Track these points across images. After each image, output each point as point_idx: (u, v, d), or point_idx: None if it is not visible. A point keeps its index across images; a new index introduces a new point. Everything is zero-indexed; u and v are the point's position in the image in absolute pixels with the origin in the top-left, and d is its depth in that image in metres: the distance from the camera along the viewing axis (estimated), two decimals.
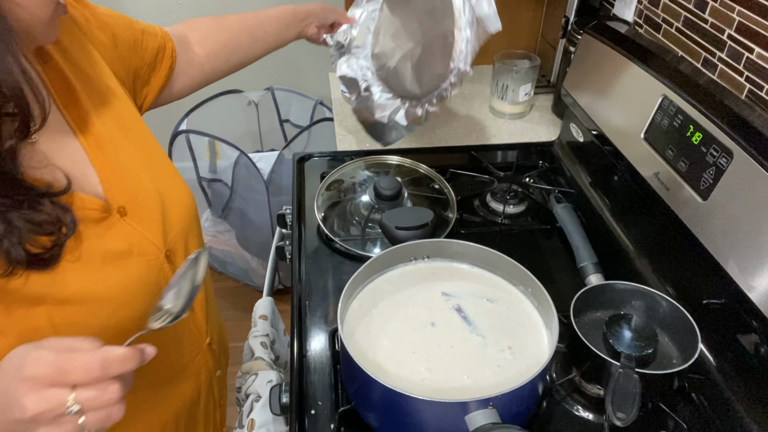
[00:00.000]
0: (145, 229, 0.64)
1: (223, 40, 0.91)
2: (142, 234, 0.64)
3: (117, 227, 0.62)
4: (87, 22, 0.69)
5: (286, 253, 1.07)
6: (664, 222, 0.83)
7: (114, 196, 0.63)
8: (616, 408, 0.61)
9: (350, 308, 0.73)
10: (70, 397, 0.44)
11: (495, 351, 0.68)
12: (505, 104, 1.29)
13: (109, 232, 0.61)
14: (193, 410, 0.78)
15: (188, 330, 0.74)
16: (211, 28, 0.90)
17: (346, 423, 0.70)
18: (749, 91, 0.84)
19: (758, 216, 0.66)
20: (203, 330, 0.77)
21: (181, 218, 0.71)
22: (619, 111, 0.94)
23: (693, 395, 0.72)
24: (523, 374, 0.65)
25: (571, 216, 0.96)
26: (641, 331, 0.69)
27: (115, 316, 0.59)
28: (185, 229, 0.71)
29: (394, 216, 0.87)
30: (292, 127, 2.06)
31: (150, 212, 0.66)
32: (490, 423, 0.56)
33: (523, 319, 0.72)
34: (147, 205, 0.66)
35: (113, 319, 0.59)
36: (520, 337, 0.70)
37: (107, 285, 0.59)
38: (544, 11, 1.45)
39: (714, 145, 0.73)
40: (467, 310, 0.73)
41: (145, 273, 0.63)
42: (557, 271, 0.92)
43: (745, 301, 0.67)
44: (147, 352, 0.49)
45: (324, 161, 1.16)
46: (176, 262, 0.69)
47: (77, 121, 0.62)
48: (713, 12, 0.89)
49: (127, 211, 0.63)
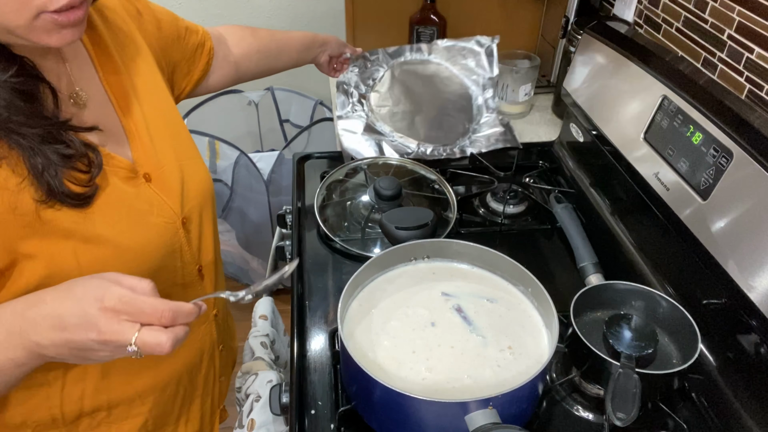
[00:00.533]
0: (166, 196, 0.71)
1: (256, 45, 1.03)
2: (163, 200, 0.70)
3: (142, 189, 0.68)
4: (139, 15, 0.78)
5: (286, 253, 1.07)
6: (664, 222, 0.83)
7: (141, 163, 0.69)
8: (616, 408, 0.61)
9: (350, 308, 0.73)
10: (134, 335, 0.51)
11: (495, 351, 0.68)
12: (505, 104, 1.29)
13: (135, 191, 0.67)
14: (193, 376, 0.82)
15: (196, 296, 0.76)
16: (246, 34, 1.02)
17: (346, 423, 0.70)
18: (749, 91, 0.84)
19: (758, 216, 0.66)
20: (210, 301, 0.82)
21: (197, 193, 0.77)
22: (619, 111, 0.94)
23: (693, 395, 0.72)
24: (523, 374, 0.65)
25: (571, 216, 0.96)
26: (641, 331, 0.69)
27: (133, 265, 0.65)
28: (201, 203, 0.77)
29: (394, 216, 0.87)
30: (292, 127, 2.06)
31: (171, 182, 0.72)
32: (490, 423, 0.56)
33: (523, 319, 0.72)
34: (169, 176, 0.72)
35: (131, 268, 0.64)
36: (520, 337, 0.70)
37: (129, 235, 0.65)
38: (544, 11, 1.45)
39: (714, 145, 0.73)
40: (467, 310, 0.73)
41: (163, 232, 0.69)
42: (557, 271, 0.92)
43: (745, 301, 0.67)
44: (203, 309, 0.57)
45: (324, 161, 1.16)
46: (191, 229, 0.75)
47: (116, 93, 0.70)
48: (713, 12, 0.89)
49: (152, 178, 0.70)
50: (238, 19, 1.87)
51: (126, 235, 0.64)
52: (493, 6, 1.43)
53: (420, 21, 1.40)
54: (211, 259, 0.80)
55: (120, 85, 0.71)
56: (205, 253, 0.79)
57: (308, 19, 1.90)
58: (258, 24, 1.87)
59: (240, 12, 1.85)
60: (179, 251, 0.73)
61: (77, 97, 0.65)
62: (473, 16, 1.44)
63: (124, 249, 0.64)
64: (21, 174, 0.56)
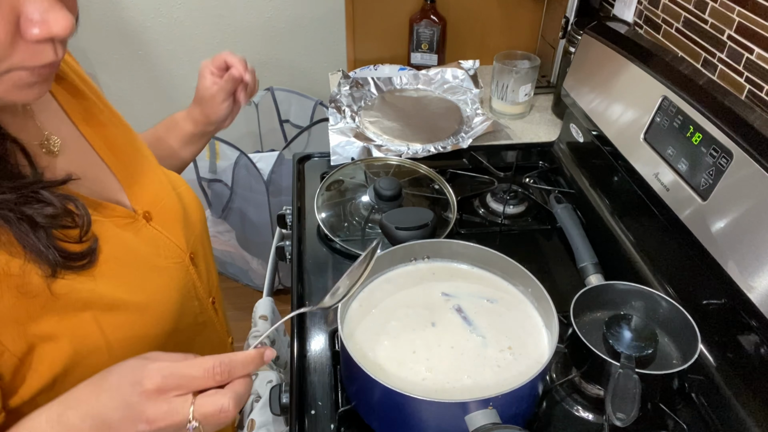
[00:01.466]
0: (170, 233, 0.66)
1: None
2: (167, 238, 0.66)
3: (144, 232, 0.64)
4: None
5: (286, 253, 1.07)
6: (664, 222, 0.83)
7: (138, 202, 0.65)
8: (616, 408, 0.61)
9: (350, 308, 0.73)
10: (190, 410, 0.45)
11: (495, 351, 0.68)
12: (505, 104, 1.29)
13: (138, 237, 0.62)
14: None
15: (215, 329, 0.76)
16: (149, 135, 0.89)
17: (346, 423, 0.70)
18: (749, 91, 0.84)
19: (758, 216, 0.66)
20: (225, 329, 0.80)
21: (197, 221, 0.74)
22: (619, 111, 0.94)
23: (693, 395, 0.72)
24: (523, 374, 0.65)
25: (571, 216, 0.96)
26: (641, 331, 0.69)
27: (157, 321, 0.61)
28: (201, 232, 0.74)
29: (394, 216, 0.87)
30: (292, 127, 2.06)
31: (173, 216, 0.68)
32: (490, 423, 0.56)
33: (523, 320, 0.72)
34: (170, 210, 0.68)
35: (156, 325, 0.60)
36: (520, 337, 0.70)
37: (143, 289, 0.60)
38: (544, 11, 1.45)
39: (714, 145, 0.73)
40: (467, 311, 0.73)
41: (175, 275, 0.65)
42: (557, 271, 0.92)
43: (745, 301, 0.67)
44: (267, 355, 0.50)
45: (324, 161, 1.16)
46: (198, 264, 0.71)
47: (93, 134, 0.64)
48: (713, 12, 0.89)
49: (152, 216, 0.65)
50: (238, 19, 1.87)
51: (140, 291, 0.60)
52: (493, 6, 1.43)
53: (420, 21, 1.41)
54: (216, 285, 0.78)
55: (96, 127, 0.65)
56: (213, 283, 0.76)
57: (308, 19, 1.90)
58: (258, 23, 1.88)
59: (240, 12, 1.86)
60: (194, 289, 0.69)
61: (48, 144, 0.58)
62: (473, 16, 1.44)
63: (143, 307, 0.59)
64: (20, 254, 0.50)
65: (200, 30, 1.87)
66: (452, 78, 1.36)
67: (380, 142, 1.18)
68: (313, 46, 1.97)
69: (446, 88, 1.35)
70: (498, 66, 1.25)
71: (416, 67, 1.45)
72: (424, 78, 1.38)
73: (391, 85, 1.36)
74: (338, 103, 1.26)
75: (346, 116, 1.24)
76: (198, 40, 1.88)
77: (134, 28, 1.83)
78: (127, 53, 1.89)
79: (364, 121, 1.23)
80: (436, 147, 1.16)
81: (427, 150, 1.15)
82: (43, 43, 0.45)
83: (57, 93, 0.63)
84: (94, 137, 0.65)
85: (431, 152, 1.15)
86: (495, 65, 1.26)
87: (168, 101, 2.01)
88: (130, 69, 1.91)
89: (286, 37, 1.93)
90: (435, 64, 1.46)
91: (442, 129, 1.22)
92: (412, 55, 1.47)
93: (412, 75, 1.38)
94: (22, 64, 0.45)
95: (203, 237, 0.75)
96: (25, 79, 0.47)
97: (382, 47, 1.49)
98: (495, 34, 1.48)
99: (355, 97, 1.29)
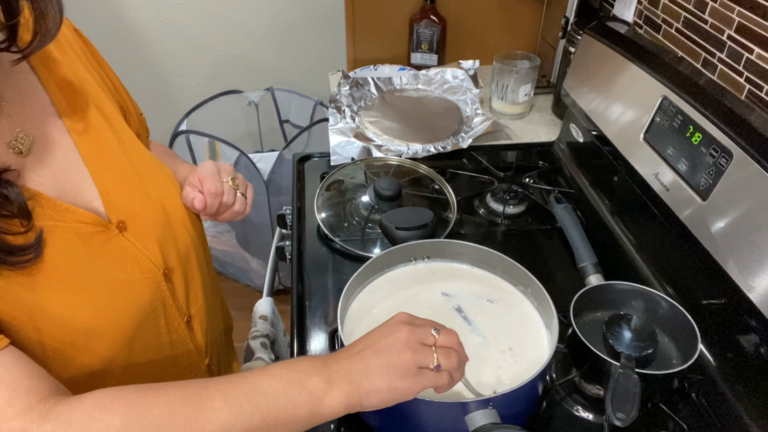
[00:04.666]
0: (144, 246, 0.63)
1: None
2: (140, 251, 0.63)
3: (113, 242, 0.61)
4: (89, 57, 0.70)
5: (286, 253, 1.07)
6: (664, 222, 0.83)
7: (114, 211, 0.62)
8: (616, 408, 0.61)
9: (350, 308, 0.73)
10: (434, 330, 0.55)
11: (495, 351, 0.68)
12: (505, 104, 1.29)
13: (103, 248, 0.59)
14: None
15: (186, 350, 0.72)
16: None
17: (346, 423, 0.70)
18: (749, 91, 0.84)
19: (758, 216, 0.66)
20: (202, 350, 0.75)
21: (185, 236, 0.70)
22: (619, 111, 0.94)
23: (693, 395, 0.72)
24: (523, 374, 0.65)
25: (571, 216, 0.96)
26: (641, 331, 0.69)
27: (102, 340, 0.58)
28: (188, 245, 0.71)
29: (394, 216, 0.87)
30: (292, 127, 2.06)
31: (150, 228, 0.65)
32: (490, 423, 0.56)
33: (523, 320, 0.72)
34: (149, 222, 0.65)
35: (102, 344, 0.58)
36: (520, 337, 0.70)
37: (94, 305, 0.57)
38: (544, 11, 1.45)
39: (714, 145, 0.73)
40: (467, 311, 0.73)
41: (140, 292, 0.62)
42: (557, 271, 0.92)
43: (744, 301, 0.67)
44: None
45: (324, 161, 1.16)
46: (175, 281, 0.68)
47: (81, 136, 0.61)
48: (713, 12, 0.89)
49: (127, 226, 0.62)
50: (238, 19, 1.87)
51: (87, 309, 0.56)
52: (493, 6, 1.43)
53: (420, 21, 1.41)
54: (201, 304, 0.74)
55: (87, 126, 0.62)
56: (194, 300, 0.72)
57: (309, 19, 1.90)
58: (258, 23, 1.88)
59: (240, 12, 1.86)
60: (162, 307, 0.65)
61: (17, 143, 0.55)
62: (473, 16, 1.44)
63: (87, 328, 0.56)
64: None
65: (200, 30, 1.87)
66: (452, 78, 1.36)
67: (380, 142, 1.18)
68: (313, 46, 1.97)
69: (446, 88, 1.35)
70: (498, 66, 1.25)
71: (416, 67, 1.45)
72: (424, 78, 1.38)
73: (391, 85, 1.36)
74: (338, 103, 1.26)
75: (346, 116, 1.24)
76: (198, 40, 1.88)
77: (134, 28, 1.83)
78: (127, 53, 1.89)
79: (364, 121, 1.23)
80: (436, 147, 1.16)
81: (427, 150, 1.15)
82: None
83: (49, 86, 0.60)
84: (82, 138, 0.61)
85: (431, 152, 1.15)
86: (495, 65, 1.26)
87: (168, 101, 2.01)
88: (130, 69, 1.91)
89: (286, 37, 1.93)
90: (435, 64, 1.46)
91: (442, 129, 1.22)
92: (412, 55, 1.47)
93: (412, 75, 1.38)
94: None
95: (190, 253, 0.71)
96: None
97: (382, 47, 1.49)
98: (495, 34, 1.48)
99: (355, 97, 1.29)
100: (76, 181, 0.60)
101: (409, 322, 0.56)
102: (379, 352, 0.53)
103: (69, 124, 0.60)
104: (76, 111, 0.62)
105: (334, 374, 0.53)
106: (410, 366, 0.53)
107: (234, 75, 1.98)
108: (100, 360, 0.59)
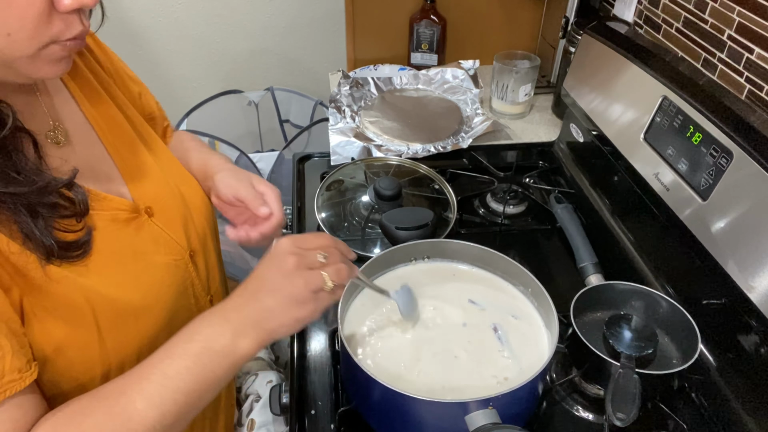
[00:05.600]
0: (171, 230, 0.67)
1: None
2: (168, 235, 0.66)
3: (145, 227, 0.64)
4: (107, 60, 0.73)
5: None
6: (664, 222, 0.83)
7: (140, 197, 0.65)
8: (616, 408, 0.61)
9: (350, 308, 0.73)
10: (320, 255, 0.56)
11: (495, 351, 0.68)
12: (505, 104, 1.29)
13: (139, 233, 0.63)
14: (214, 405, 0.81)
15: None
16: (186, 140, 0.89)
17: (346, 423, 0.70)
18: (749, 91, 0.84)
19: (758, 216, 0.66)
20: None
21: (201, 220, 0.73)
22: (619, 111, 0.94)
23: (693, 395, 0.72)
24: (523, 374, 0.65)
25: (571, 216, 0.96)
26: (641, 331, 0.69)
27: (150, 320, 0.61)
28: (205, 231, 0.74)
29: (394, 216, 0.87)
30: (292, 127, 2.06)
31: (174, 213, 0.68)
32: (490, 423, 0.55)
33: (523, 319, 0.72)
34: (172, 206, 0.68)
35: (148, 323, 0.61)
36: (520, 337, 0.70)
37: (139, 285, 0.60)
38: (544, 11, 1.45)
39: (714, 145, 0.73)
40: (467, 310, 0.73)
41: (174, 272, 0.66)
42: (557, 271, 0.92)
43: (745, 301, 0.67)
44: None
45: (324, 161, 1.16)
46: (198, 263, 0.71)
47: (101, 126, 0.64)
48: (713, 12, 0.89)
49: (154, 212, 0.65)
50: (238, 19, 1.86)
51: (134, 289, 0.60)
52: (493, 6, 1.43)
53: (420, 21, 1.40)
54: (218, 285, 0.78)
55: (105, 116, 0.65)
56: (213, 281, 0.76)
57: (308, 19, 1.90)
58: (258, 23, 1.87)
59: (240, 12, 1.85)
60: (191, 287, 0.69)
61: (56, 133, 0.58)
62: (473, 16, 1.44)
63: (136, 305, 0.60)
64: (18, 238, 0.51)
65: (200, 30, 1.87)
66: (452, 78, 1.36)
67: (380, 142, 1.18)
68: (313, 46, 1.97)
69: (446, 88, 1.36)
70: (498, 66, 1.25)
71: (416, 67, 1.45)
72: (424, 78, 1.38)
73: (391, 85, 1.36)
74: (338, 103, 1.26)
75: (346, 116, 1.24)
76: (198, 39, 1.88)
77: (134, 28, 1.83)
78: (127, 53, 1.89)
79: (364, 121, 1.23)
80: (436, 147, 1.16)
81: (427, 150, 1.15)
82: (73, 14, 0.48)
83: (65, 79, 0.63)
84: (102, 127, 0.64)
85: (431, 152, 1.15)
86: (495, 65, 1.26)
87: (168, 101, 2.01)
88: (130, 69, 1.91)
89: (287, 37, 1.93)
90: (435, 64, 1.46)
91: (442, 129, 1.22)
92: (412, 55, 1.47)
93: (412, 75, 1.38)
94: (58, 36, 0.48)
95: (207, 236, 0.74)
96: (58, 53, 0.49)
97: (382, 47, 1.49)
98: (495, 34, 1.48)
99: (355, 97, 1.29)
100: (105, 170, 0.63)
101: (294, 251, 0.57)
102: (273, 290, 0.55)
103: (89, 115, 0.63)
104: (93, 102, 0.65)
105: (237, 326, 0.54)
106: (306, 294, 0.55)
107: (234, 75, 1.98)
108: (147, 338, 0.62)
